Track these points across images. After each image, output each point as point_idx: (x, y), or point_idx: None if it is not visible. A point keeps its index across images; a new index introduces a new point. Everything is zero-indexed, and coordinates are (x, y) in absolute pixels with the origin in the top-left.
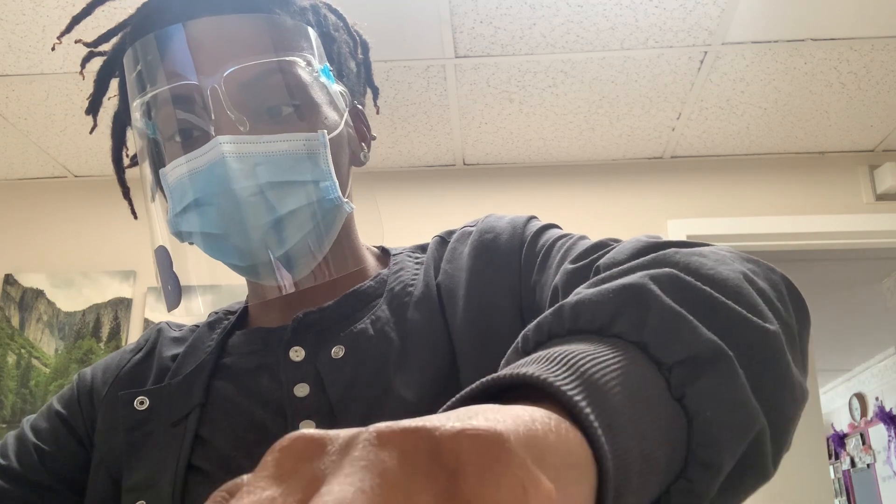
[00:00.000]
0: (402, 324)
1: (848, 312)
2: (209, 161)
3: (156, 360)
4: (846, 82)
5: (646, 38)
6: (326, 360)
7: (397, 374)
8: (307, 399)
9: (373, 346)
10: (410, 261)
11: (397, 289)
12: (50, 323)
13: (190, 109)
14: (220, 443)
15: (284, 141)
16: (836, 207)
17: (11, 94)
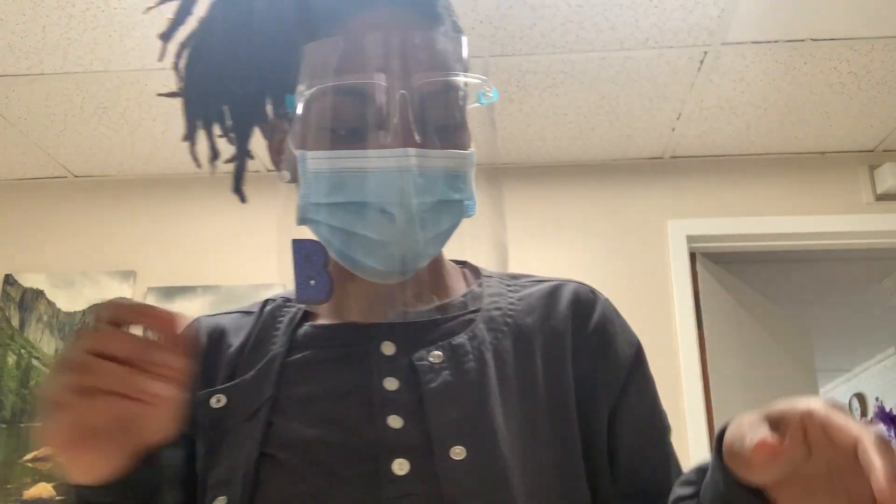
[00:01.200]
0: (499, 352)
1: (848, 312)
2: (394, 168)
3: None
4: (846, 82)
5: (646, 38)
6: (424, 360)
7: (491, 396)
8: (397, 393)
9: (469, 361)
10: (504, 287)
11: (495, 314)
12: (50, 323)
13: (370, 107)
14: (295, 432)
15: (451, 158)
16: (836, 207)
17: (11, 94)
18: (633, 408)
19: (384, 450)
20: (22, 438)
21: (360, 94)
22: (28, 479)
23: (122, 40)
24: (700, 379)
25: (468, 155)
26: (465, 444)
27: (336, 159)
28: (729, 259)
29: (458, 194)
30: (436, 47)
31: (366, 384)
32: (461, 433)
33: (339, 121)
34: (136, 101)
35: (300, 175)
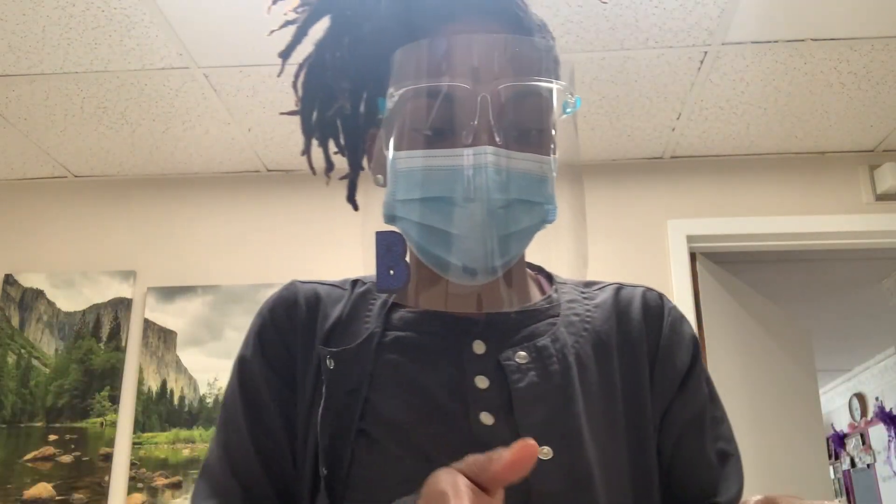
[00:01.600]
0: (580, 357)
1: (848, 312)
2: (473, 165)
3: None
4: (846, 82)
5: (646, 38)
6: (511, 360)
7: (575, 399)
8: (487, 391)
9: (552, 363)
10: (578, 294)
11: (574, 320)
12: (50, 323)
13: (454, 110)
14: (391, 412)
15: (532, 161)
16: (836, 207)
17: (11, 94)
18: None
19: (477, 445)
20: (22, 438)
21: (445, 97)
22: (28, 479)
23: (122, 40)
24: None
25: (548, 160)
26: (552, 445)
27: (417, 158)
28: (729, 259)
29: (535, 197)
30: (520, 53)
31: (458, 379)
32: (548, 433)
33: (424, 122)
34: (136, 101)
35: (388, 174)
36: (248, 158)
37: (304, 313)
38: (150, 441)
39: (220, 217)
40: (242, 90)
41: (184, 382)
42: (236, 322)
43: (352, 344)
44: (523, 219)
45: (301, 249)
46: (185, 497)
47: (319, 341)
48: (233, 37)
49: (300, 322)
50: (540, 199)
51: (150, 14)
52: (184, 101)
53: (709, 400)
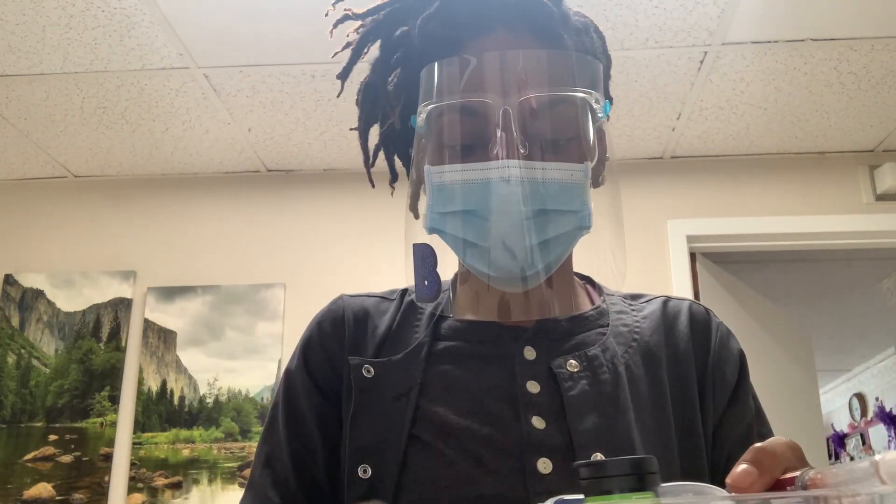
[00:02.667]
0: (630, 367)
1: (848, 312)
2: (494, 178)
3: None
4: (846, 82)
5: (646, 38)
6: (563, 368)
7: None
8: (538, 396)
9: (603, 372)
10: (626, 306)
11: (623, 330)
12: (50, 323)
13: (479, 124)
14: (443, 417)
15: (559, 170)
16: (836, 207)
17: (11, 94)
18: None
19: (529, 448)
20: (22, 438)
21: (469, 112)
22: (28, 479)
23: (122, 40)
24: None
25: (578, 168)
26: (603, 451)
27: (446, 173)
28: (729, 259)
29: (566, 205)
30: (544, 64)
31: (509, 384)
32: (600, 440)
33: (449, 137)
34: (136, 101)
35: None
36: (248, 158)
37: (351, 328)
38: (150, 441)
39: (220, 217)
40: (242, 90)
41: (184, 382)
42: (236, 322)
43: (400, 351)
44: (553, 228)
45: (301, 249)
46: (185, 497)
47: (370, 353)
48: (233, 37)
49: (347, 337)
50: (571, 208)
51: (150, 14)
52: (184, 101)
53: (755, 416)
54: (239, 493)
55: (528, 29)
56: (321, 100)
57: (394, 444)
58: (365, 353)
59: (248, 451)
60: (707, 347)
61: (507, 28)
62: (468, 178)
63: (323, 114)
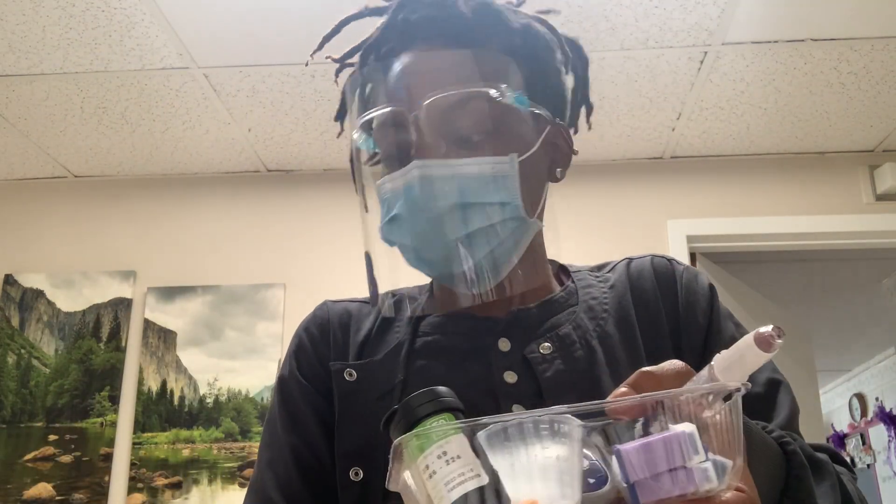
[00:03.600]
0: (604, 337)
1: (848, 312)
2: (405, 182)
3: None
4: (846, 82)
5: (646, 38)
6: (535, 353)
7: (602, 380)
8: (516, 385)
9: (577, 349)
10: (593, 279)
11: (593, 304)
12: (50, 323)
13: (398, 132)
14: None
15: (473, 165)
16: (836, 207)
17: (11, 94)
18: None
19: None
20: (22, 438)
21: (391, 122)
22: (28, 479)
23: (122, 40)
24: None
25: (495, 160)
26: None
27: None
28: (729, 259)
29: (487, 197)
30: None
31: (487, 377)
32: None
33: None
34: (136, 101)
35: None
36: (248, 158)
37: (336, 330)
38: (150, 441)
39: (220, 217)
40: (242, 90)
41: (184, 382)
42: (236, 322)
43: (382, 351)
44: (473, 221)
45: (301, 249)
46: (185, 497)
47: (352, 356)
48: (233, 37)
49: (333, 339)
50: (494, 199)
51: (150, 14)
52: (184, 101)
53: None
54: (239, 493)
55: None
56: (321, 100)
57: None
58: (348, 356)
59: (248, 451)
60: (675, 297)
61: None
62: (390, 187)
63: (323, 114)
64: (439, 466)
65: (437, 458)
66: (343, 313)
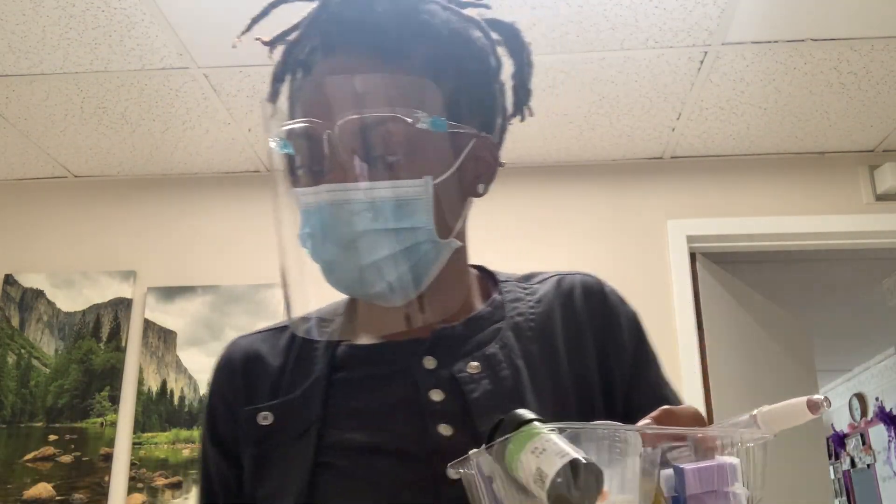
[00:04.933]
0: (528, 357)
1: (848, 312)
2: (316, 202)
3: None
4: (846, 82)
5: (646, 38)
6: (464, 372)
7: (527, 401)
8: (442, 404)
9: (503, 369)
10: (521, 291)
11: (519, 320)
12: (50, 323)
13: (312, 146)
14: (351, 441)
15: (384, 189)
16: (836, 207)
17: (11, 94)
18: (647, 388)
19: (438, 455)
20: (22, 438)
21: (306, 136)
22: (28, 479)
23: (122, 40)
24: (700, 379)
25: (416, 183)
26: None
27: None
28: (729, 259)
29: (399, 222)
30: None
31: (413, 397)
32: None
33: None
34: (136, 101)
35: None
36: (248, 158)
37: (244, 375)
38: (150, 441)
39: (220, 217)
40: (242, 90)
41: (184, 382)
42: (236, 322)
43: (298, 387)
44: (383, 245)
45: None
46: (185, 497)
47: (266, 395)
48: (233, 37)
49: (241, 386)
50: (405, 224)
51: (150, 14)
52: (184, 101)
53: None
54: None
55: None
56: None
57: (297, 479)
58: (261, 397)
59: None
60: (602, 317)
61: (345, 52)
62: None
63: None
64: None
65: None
66: (250, 351)
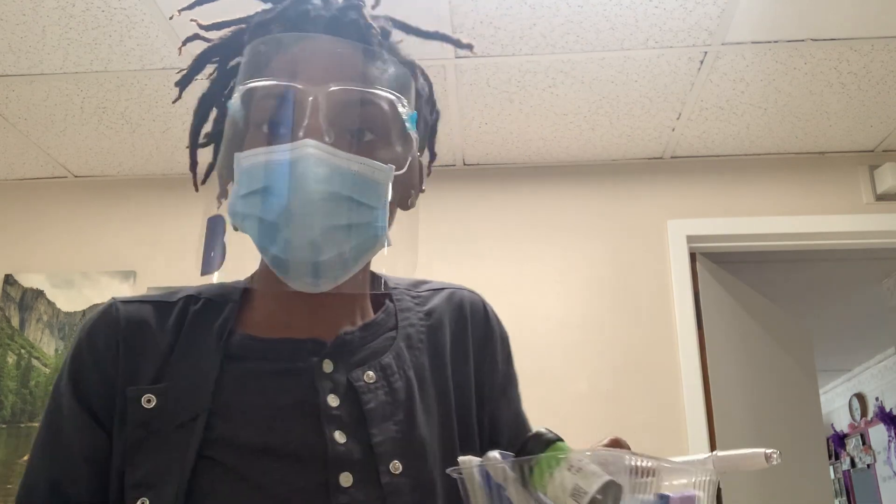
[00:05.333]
0: (418, 369)
1: (848, 312)
2: (293, 157)
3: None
4: (846, 82)
5: (646, 38)
6: (360, 380)
7: (417, 412)
8: (339, 409)
9: (396, 380)
10: (410, 300)
11: (411, 332)
12: (50, 323)
13: (288, 108)
14: (242, 438)
15: (359, 163)
16: (836, 207)
17: (11, 94)
18: (510, 404)
19: (331, 462)
20: (22, 438)
21: (278, 97)
22: None
23: (122, 40)
24: (700, 379)
25: (381, 167)
26: (400, 459)
27: (251, 156)
28: (729, 259)
29: (364, 198)
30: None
31: (309, 399)
32: (397, 449)
33: (260, 119)
34: (136, 101)
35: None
36: None
37: (127, 345)
38: None
39: None
40: None
41: None
42: None
43: (186, 373)
44: (345, 216)
45: None
46: None
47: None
48: None
49: (122, 355)
50: (367, 202)
51: (150, 14)
52: (184, 101)
53: (518, 397)
54: None
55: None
56: None
57: (177, 471)
58: (144, 375)
59: None
60: (483, 334)
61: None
62: (270, 159)
63: None
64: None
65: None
66: (136, 319)
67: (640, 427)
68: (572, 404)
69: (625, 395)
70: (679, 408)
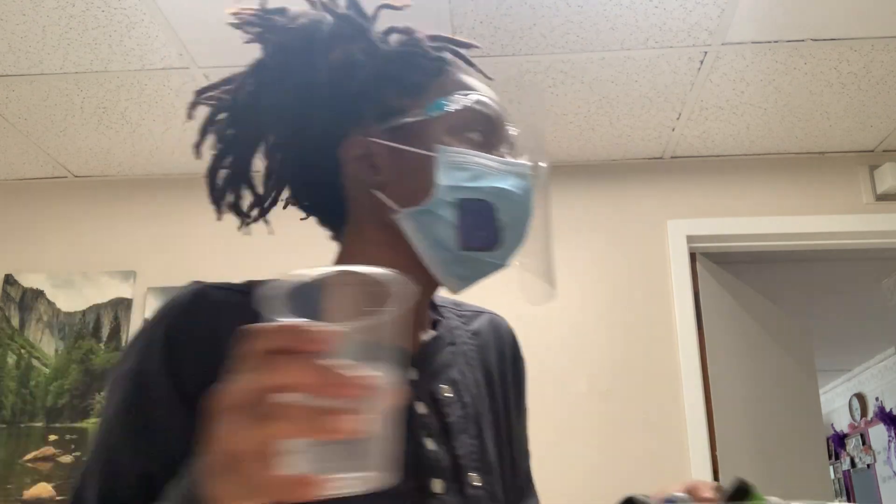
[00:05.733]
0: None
1: (848, 312)
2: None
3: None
4: (846, 82)
5: (646, 38)
6: (439, 392)
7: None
8: (426, 418)
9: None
10: (455, 319)
11: (466, 349)
12: (50, 323)
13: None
14: None
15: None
16: (836, 207)
17: (11, 94)
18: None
19: (424, 468)
20: (22, 438)
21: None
22: (28, 479)
23: (122, 40)
24: (700, 379)
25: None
26: (477, 472)
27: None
28: (729, 259)
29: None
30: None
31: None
32: (474, 462)
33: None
34: (136, 101)
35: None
36: None
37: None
38: None
39: None
40: None
41: None
42: None
43: None
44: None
45: (301, 249)
46: None
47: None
48: (233, 37)
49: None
50: None
51: (150, 14)
52: (184, 101)
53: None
54: None
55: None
56: None
57: None
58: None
59: None
60: (515, 365)
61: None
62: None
63: None
64: None
65: None
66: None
67: (640, 427)
68: (572, 404)
69: (625, 394)
70: (679, 408)
